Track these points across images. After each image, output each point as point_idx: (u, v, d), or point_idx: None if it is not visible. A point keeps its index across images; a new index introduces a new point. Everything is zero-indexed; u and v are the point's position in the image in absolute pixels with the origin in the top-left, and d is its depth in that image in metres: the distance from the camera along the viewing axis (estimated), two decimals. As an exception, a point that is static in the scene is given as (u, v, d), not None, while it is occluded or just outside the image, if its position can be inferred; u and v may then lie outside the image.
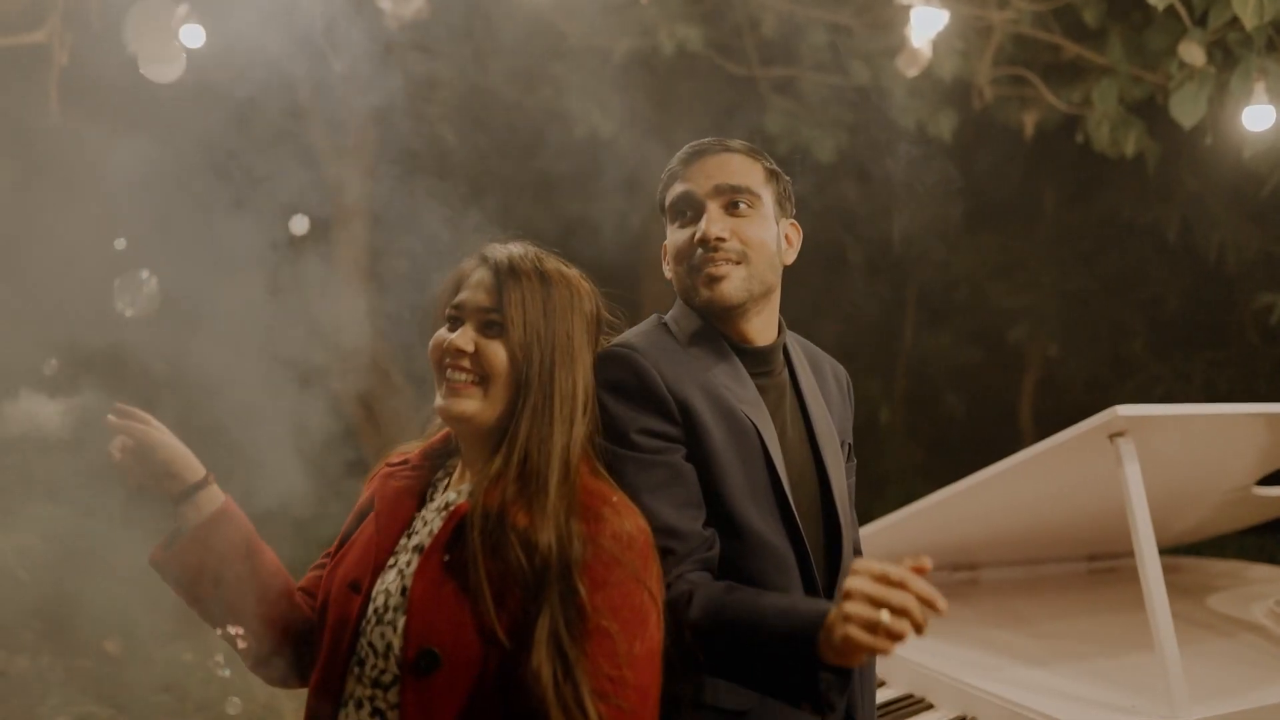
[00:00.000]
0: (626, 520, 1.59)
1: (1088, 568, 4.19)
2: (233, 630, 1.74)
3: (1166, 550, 4.33)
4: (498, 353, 1.66)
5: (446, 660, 1.55)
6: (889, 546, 3.56)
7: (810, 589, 1.79)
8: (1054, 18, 5.42)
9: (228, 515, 1.74)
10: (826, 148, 7.02)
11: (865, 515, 3.46)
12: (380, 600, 1.66)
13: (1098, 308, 8.77)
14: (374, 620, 1.65)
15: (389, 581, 1.67)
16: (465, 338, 1.68)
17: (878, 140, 7.32)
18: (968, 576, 3.92)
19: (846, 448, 2.03)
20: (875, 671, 2.11)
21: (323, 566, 1.89)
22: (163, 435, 1.72)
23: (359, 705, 1.64)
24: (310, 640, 1.78)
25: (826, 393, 2.02)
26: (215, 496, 1.74)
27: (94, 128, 4.52)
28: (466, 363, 1.68)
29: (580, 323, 1.70)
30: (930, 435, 9.82)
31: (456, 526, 1.63)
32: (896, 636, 1.32)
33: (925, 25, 4.21)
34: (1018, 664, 2.96)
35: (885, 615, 1.33)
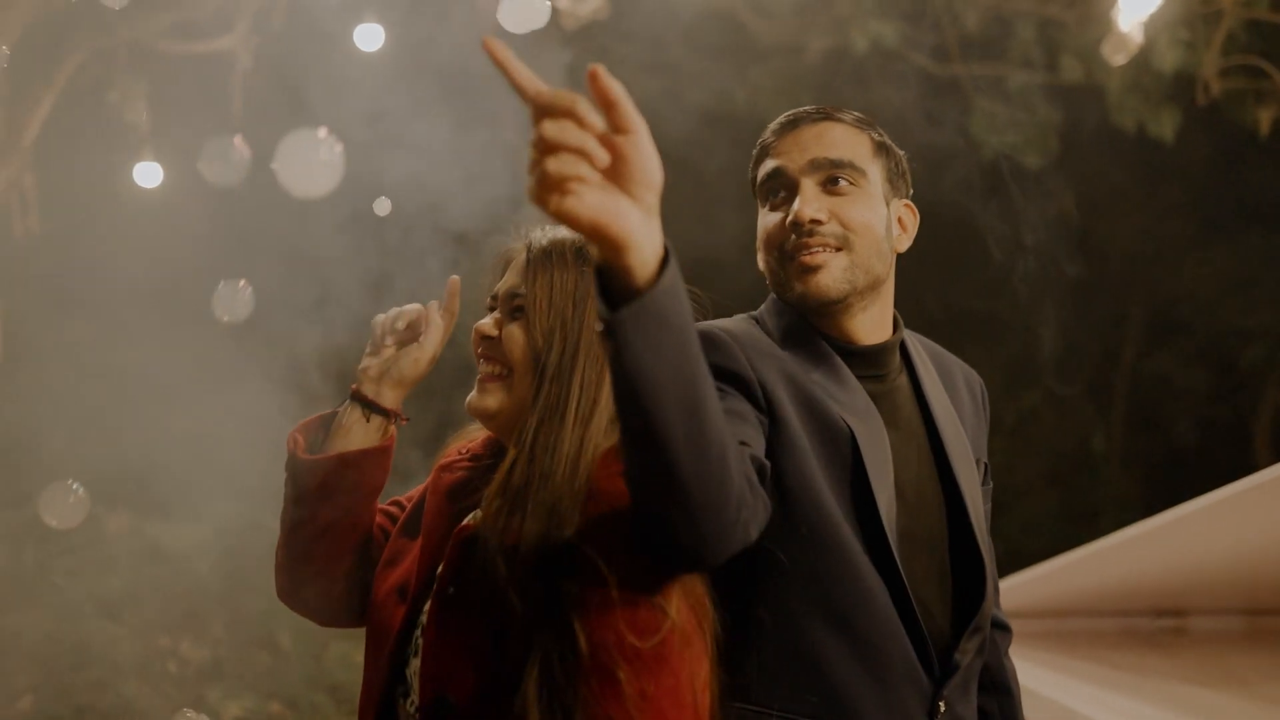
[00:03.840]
0: None
1: (1323, 621, 3.71)
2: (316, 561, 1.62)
3: None
4: (514, 336, 1.49)
5: (461, 708, 1.37)
6: (1079, 583, 3.30)
7: (915, 636, 1.50)
8: (1296, -1, 4.88)
9: (387, 454, 1.64)
10: (1035, 152, 6.59)
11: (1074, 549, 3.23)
12: (420, 629, 1.49)
13: (1350, 328, 8.00)
14: (415, 649, 1.49)
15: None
16: (490, 322, 1.53)
17: (1092, 143, 6.88)
18: (1172, 624, 3.58)
19: (982, 468, 1.73)
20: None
21: (387, 515, 1.73)
22: (436, 348, 1.64)
23: None
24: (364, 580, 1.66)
25: (957, 402, 1.72)
26: (388, 432, 1.64)
27: (273, 124, 4.65)
28: (491, 351, 1.52)
29: None
30: (1150, 465, 9.23)
31: (461, 552, 1.45)
32: (556, 174, 1.04)
33: (1135, 7, 3.79)
34: (1225, 731, 2.60)
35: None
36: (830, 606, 1.48)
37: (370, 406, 1.62)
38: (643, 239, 1.08)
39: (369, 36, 4.70)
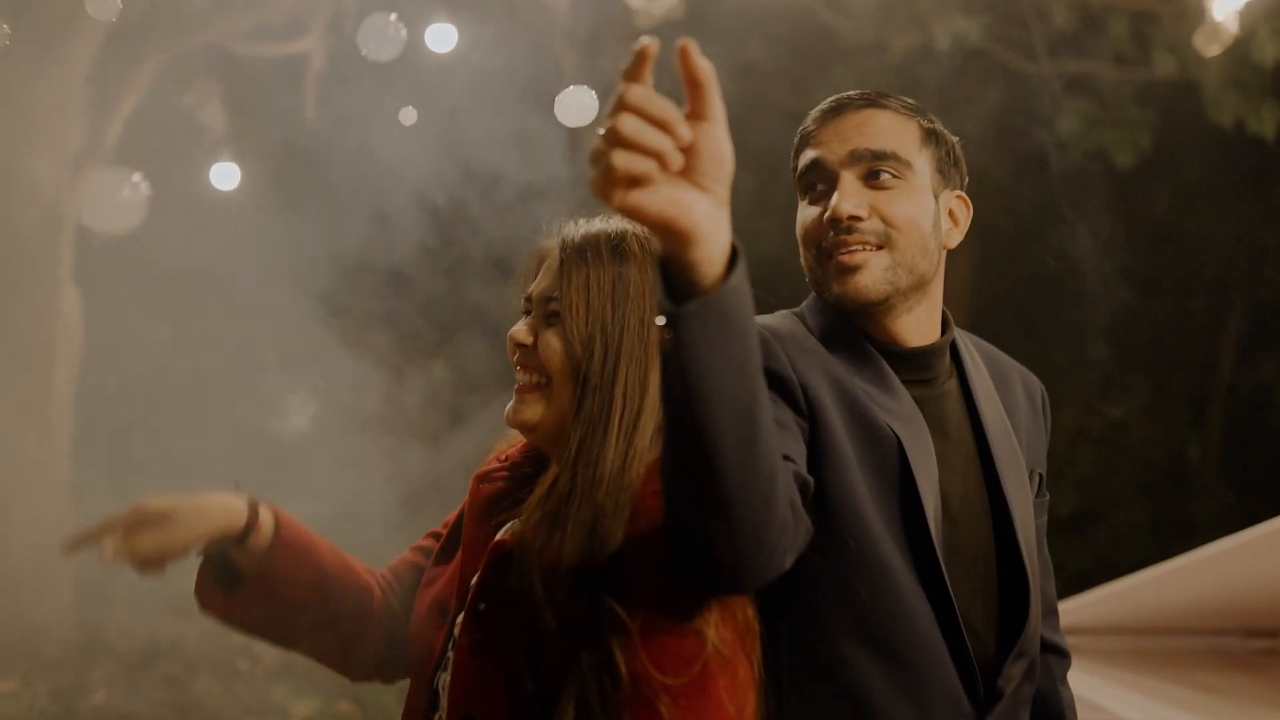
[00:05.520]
0: None
1: None
2: (311, 649, 1.58)
3: None
4: (550, 344, 1.38)
5: None
6: (1166, 599, 3.16)
7: (959, 659, 1.41)
8: (1407, -14, 4.64)
9: (285, 547, 1.49)
10: (1127, 152, 6.41)
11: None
12: (452, 643, 1.43)
13: None
14: (445, 663, 1.42)
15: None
16: (524, 327, 1.43)
17: (1187, 141, 6.66)
18: (1266, 645, 3.37)
19: (1037, 479, 1.61)
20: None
21: (422, 550, 1.66)
22: (163, 507, 1.43)
23: None
24: (390, 632, 1.58)
25: (1012, 409, 1.61)
26: (265, 531, 1.47)
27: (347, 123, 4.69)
28: (527, 359, 1.42)
29: None
30: (1250, 478, 8.89)
31: (496, 568, 1.37)
32: (623, 170, 0.96)
33: (1230, -4, 3.63)
34: (1322, 761, 2.45)
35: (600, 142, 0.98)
36: (868, 625, 1.39)
37: (233, 544, 1.46)
38: (712, 232, 1.02)
39: (441, 37, 4.71)
